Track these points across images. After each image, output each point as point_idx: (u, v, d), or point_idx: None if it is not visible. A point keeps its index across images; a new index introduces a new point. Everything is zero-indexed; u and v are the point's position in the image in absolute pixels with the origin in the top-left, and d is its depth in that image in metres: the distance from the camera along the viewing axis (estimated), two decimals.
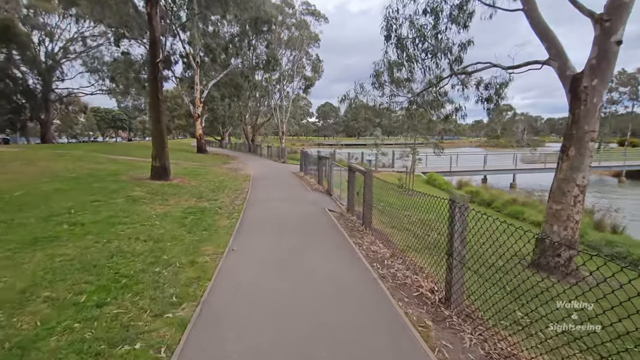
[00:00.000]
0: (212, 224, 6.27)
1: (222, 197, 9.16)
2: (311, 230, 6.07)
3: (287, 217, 7.11)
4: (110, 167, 12.37)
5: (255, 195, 9.74)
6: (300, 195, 9.92)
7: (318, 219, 6.99)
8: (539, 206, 11.32)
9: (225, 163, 20.93)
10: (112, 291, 3.41)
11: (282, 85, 35.29)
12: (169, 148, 11.18)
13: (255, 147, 33.27)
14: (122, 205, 7.13)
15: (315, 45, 36.77)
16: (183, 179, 11.58)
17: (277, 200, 9.03)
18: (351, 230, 6.34)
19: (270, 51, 27.80)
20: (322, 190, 11.06)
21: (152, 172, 10.70)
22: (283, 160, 23.19)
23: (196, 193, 9.36)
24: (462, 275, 3.20)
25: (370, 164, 24.19)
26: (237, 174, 14.81)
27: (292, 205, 8.32)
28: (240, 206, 8.11)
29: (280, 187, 11.60)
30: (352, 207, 7.78)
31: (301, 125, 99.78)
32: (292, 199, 9.33)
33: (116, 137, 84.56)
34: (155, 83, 10.30)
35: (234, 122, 33.54)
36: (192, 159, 20.36)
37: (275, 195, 9.84)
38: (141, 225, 5.80)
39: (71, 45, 35.63)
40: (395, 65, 8.90)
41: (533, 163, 24.46)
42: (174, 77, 27.17)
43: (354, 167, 7.60)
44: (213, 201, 8.52)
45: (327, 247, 5.16)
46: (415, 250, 5.11)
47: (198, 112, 26.19)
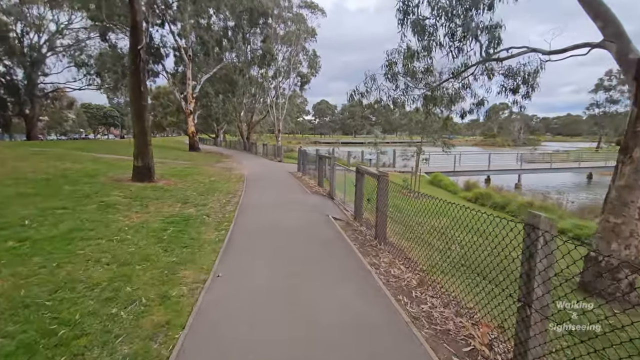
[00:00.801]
0: (196, 238, 5.23)
1: (212, 202, 8.10)
2: (315, 246, 5.05)
3: (285, 227, 6.09)
4: (90, 167, 11.24)
5: (249, 199, 8.70)
6: (300, 199, 8.89)
7: (322, 230, 5.97)
8: (558, 211, 10.42)
9: (219, 162, 19.83)
10: (36, 354, 2.37)
11: (278, 81, 34.18)
12: (158, 146, 10.11)
13: (250, 145, 32.16)
14: (92, 213, 6.05)
15: (312, 40, 35.70)
16: (169, 180, 10.49)
17: (273, 205, 8.00)
18: (362, 244, 5.34)
19: (266, 45, 26.67)
20: (323, 193, 10.05)
21: (134, 172, 9.60)
22: (279, 159, 22.14)
23: (182, 197, 8.29)
24: (544, 337, 2.21)
25: (370, 163, 23.24)
26: (230, 174, 13.73)
27: (290, 212, 7.29)
28: (232, 213, 7.06)
29: (277, 189, 10.57)
30: (359, 215, 6.78)
31: (297, 123, 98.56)
32: (291, 203, 8.30)
33: (108, 134, 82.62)
34: (138, 73, 9.19)
35: (229, 119, 32.34)
36: (183, 158, 19.22)
37: (272, 199, 8.80)
38: (108, 241, 4.74)
39: (57, 38, 34.19)
40: (411, 55, 7.80)
41: (538, 163, 23.67)
42: (165, 72, 25.94)
43: (362, 170, 6.60)
44: (201, 207, 7.47)
45: (337, 270, 4.15)
46: (444, 273, 4.12)
47: (190, 108, 25.02)
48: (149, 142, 9.72)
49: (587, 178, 27.33)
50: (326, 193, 9.84)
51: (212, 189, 9.76)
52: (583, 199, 15.07)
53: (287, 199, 8.81)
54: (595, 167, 23.74)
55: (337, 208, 8.11)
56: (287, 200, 8.73)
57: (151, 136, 10.20)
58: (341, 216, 7.27)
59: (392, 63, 8.38)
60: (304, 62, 36.36)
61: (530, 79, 6.67)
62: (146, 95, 9.66)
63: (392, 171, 19.24)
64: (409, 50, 7.75)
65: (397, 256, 4.79)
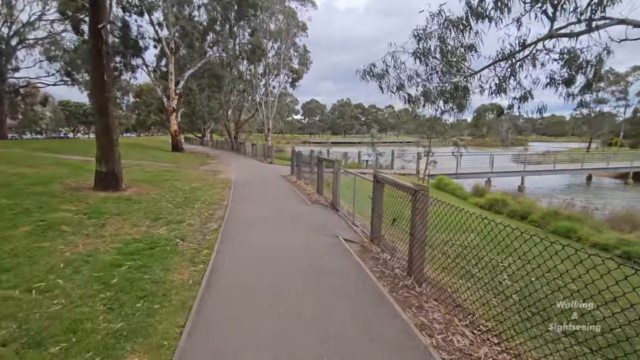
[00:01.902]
0: (161, 280, 3.70)
1: (190, 217, 6.55)
2: (330, 292, 3.59)
3: (285, 257, 4.60)
4: (47, 172, 9.49)
5: (237, 212, 7.16)
6: (298, 212, 7.40)
7: (335, 262, 4.51)
8: (588, 220, 9.25)
9: (203, 164, 18.14)
10: None
11: (268, 78, 32.52)
12: (138, 146, 8.48)
13: (238, 145, 30.41)
14: (21, 240, 4.44)
15: (303, 35, 34.20)
16: (141, 187, 8.85)
17: (267, 221, 6.49)
18: (393, 284, 3.91)
19: (255, 39, 25.01)
20: (324, 202, 8.59)
21: (97, 179, 7.95)
22: (270, 161, 20.57)
23: (153, 211, 6.70)
24: None
25: (366, 164, 21.91)
26: (215, 179, 12.13)
27: (290, 232, 5.80)
28: (215, 234, 5.53)
29: (269, 197, 9.05)
30: (378, 236, 5.35)
31: (286, 123, 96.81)
32: (289, 217, 6.80)
33: (89, 133, 78.97)
34: (99, 58, 7.53)
35: (215, 118, 30.51)
36: (163, 159, 17.47)
37: (265, 211, 7.28)
38: (23, 292, 3.18)
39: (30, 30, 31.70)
40: (458, 24, 6.19)
41: (540, 164, 22.79)
42: (145, 66, 23.99)
43: (383, 178, 5.17)
44: (175, 225, 5.91)
45: (371, 344, 2.70)
46: (519, 331, 2.71)
47: (173, 105, 23.18)
48: (116, 141, 8.07)
49: (586, 180, 26.71)
50: (328, 203, 8.39)
51: (193, 199, 8.17)
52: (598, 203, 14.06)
53: (284, 212, 7.30)
54: (597, 169, 23.04)
55: (345, 223, 6.67)
56: (283, 213, 7.22)
57: (118, 135, 8.56)
58: (352, 235, 5.83)
59: (427, 35, 6.66)
60: (295, 59, 34.83)
61: (591, 67, 5.37)
62: (111, 84, 8.00)
63: (392, 173, 17.92)
64: (445, 22, 6.21)
65: (448, 304, 3.38)
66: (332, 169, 9.68)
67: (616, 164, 23.24)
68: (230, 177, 12.93)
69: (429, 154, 12.75)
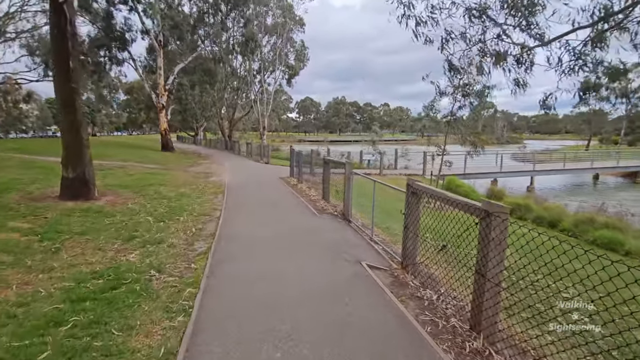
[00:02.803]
0: (113, 354, 2.47)
1: (173, 235, 5.31)
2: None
3: (297, 300, 3.39)
4: (7, 177, 8.15)
5: (232, 226, 5.94)
6: (305, 225, 6.20)
7: (366, 307, 3.30)
8: (629, 230, 8.19)
9: (195, 164, 16.82)
10: None
11: (263, 75, 31.16)
12: (125, 145, 7.26)
13: (232, 144, 29.07)
14: None
15: (300, 31, 32.89)
16: (119, 195, 7.58)
17: (269, 239, 5.27)
18: (454, 344, 2.74)
19: (248, 31, 23.65)
20: (332, 210, 7.41)
21: (63, 187, 6.67)
22: (266, 161, 19.31)
23: (128, 227, 5.45)
24: None
25: (368, 164, 20.76)
26: (206, 183, 10.86)
27: (299, 255, 4.60)
28: (201, 261, 4.31)
29: (269, 205, 7.83)
30: (413, 262, 4.17)
31: (281, 121, 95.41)
32: (295, 234, 5.59)
33: None
34: (64, 42, 6.24)
35: (208, 116, 29.09)
36: (151, 160, 16.11)
37: (265, 225, 6.07)
38: None
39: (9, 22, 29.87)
40: None
41: (549, 163, 21.84)
42: (132, 60, 22.51)
43: (420, 189, 3.98)
44: (152, 248, 4.68)
45: None
46: None
47: (162, 102, 21.78)
48: (86, 141, 6.77)
49: (593, 179, 25.90)
50: (338, 212, 7.20)
51: (179, 209, 6.92)
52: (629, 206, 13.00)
53: (288, 226, 6.09)
54: (607, 168, 22.16)
55: (362, 239, 5.50)
56: (287, 227, 6.01)
57: (88, 133, 7.27)
58: (377, 258, 4.65)
59: None
60: (291, 55, 33.49)
61: None
62: (78, 74, 6.69)
63: (398, 174, 16.80)
64: None
65: None
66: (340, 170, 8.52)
67: (626, 162, 22.41)
68: (223, 180, 11.67)
69: (444, 153, 11.62)
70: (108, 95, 76.42)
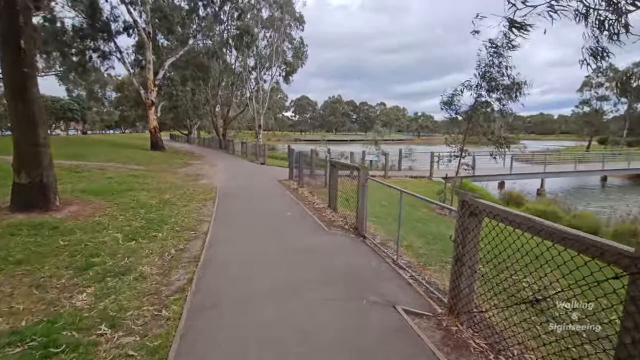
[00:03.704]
0: None
1: (146, 259, 4.14)
2: None
3: None
4: None
5: (220, 248, 4.77)
6: (313, 247, 5.02)
7: None
8: None
9: (185, 165, 15.57)
10: None
11: (260, 71, 29.89)
12: (113, 144, 6.26)
13: (227, 143, 27.79)
14: None
15: (299, 28, 31.67)
16: (88, 203, 6.36)
17: (268, 269, 4.11)
18: None
19: (243, 24, 22.39)
20: (341, 222, 6.27)
21: (14, 195, 5.45)
22: (262, 161, 18.11)
23: (86, 250, 4.26)
24: None
25: (371, 165, 19.64)
26: (195, 187, 9.66)
27: (309, 298, 3.42)
28: (177, 305, 3.14)
29: (268, 217, 6.65)
30: (468, 308, 3.03)
31: (277, 119, 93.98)
32: (301, 259, 4.43)
33: (67, 130, 74.39)
34: (13, 15, 5.01)
35: (200, 113, 27.77)
36: (138, 160, 14.83)
37: (264, 245, 4.90)
38: None
39: None
40: None
41: (559, 164, 20.93)
42: (118, 52, 21.11)
43: (483, 207, 2.84)
44: (113, 282, 3.50)
45: None
46: None
47: (151, 98, 20.47)
48: (43, 140, 5.54)
49: (601, 181, 25.10)
50: (349, 225, 6.06)
51: (158, 222, 5.73)
52: None
53: (292, 247, 4.92)
54: (618, 170, 21.32)
55: (384, 263, 4.37)
56: (291, 249, 4.84)
57: (47, 130, 6.04)
58: (412, 297, 3.52)
59: None
60: (289, 51, 32.25)
61: None
62: (33, 55, 5.45)
63: (404, 176, 15.72)
64: None
65: None
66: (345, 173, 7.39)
67: (638, 164, 21.57)
68: (214, 183, 10.47)
69: (462, 154, 10.52)
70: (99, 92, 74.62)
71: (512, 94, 9.15)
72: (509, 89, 9.14)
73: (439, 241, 6.49)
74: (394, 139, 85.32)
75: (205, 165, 16.10)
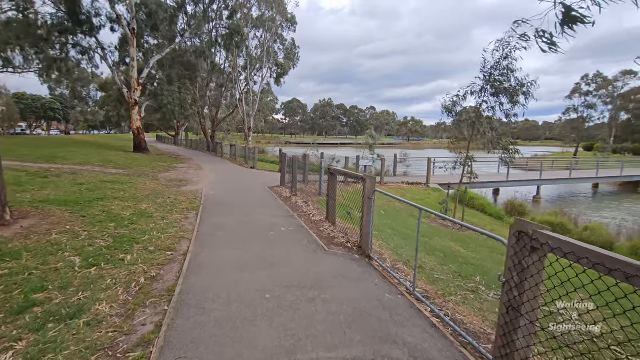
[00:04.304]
0: None
1: (103, 297, 3.29)
2: None
3: None
4: None
5: (201, 276, 3.95)
6: (313, 275, 4.25)
7: None
8: None
9: (169, 169, 14.59)
10: None
11: (250, 72, 29.04)
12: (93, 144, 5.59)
13: (215, 146, 26.77)
14: None
15: (291, 29, 31.01)
16: (48, 216, 5.44)
17: (260, 310, 3.31)
18: None
19: (233, 23, 21.55)
20: (342, 239, 5.52)
21: None
22: (252, 165, 17.25)
23: (29, 282, 3.40)
24: None
25: (365, 171, 18.98)
26: (178, 194, 8.77)
27: (313, 356, 2.67)
28: None
29: (258, 233, 5.83)
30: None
31: (267, 122, 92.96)
32: (299, 295, 3.65)
33: (48, 129, 71.67)
34: None
35: (187, 114, 26.69)
36: (117, 163, 13.79)
37: (252, 277, 4.11)
38: None
39: None
40: None
41: (555, 171, 20.69)
42: (100, 49, 19.95)
43: (549, 240, 2.13)
44: (55, 330, 2.66)
45: None
46: None
47: (135, 97, 19.39)
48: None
49: (593, 188, 25.08)
50: (352, 243, 5.32)
51: (128, 239, 4.86)
52: None
53: (288, 276, 4.14)
54: (611, 177, 21.22)
55: (398, 294, 3.64)
56: (287, 278, 4.06)
57: None
58: (442, 346, 2.79)
59: None
60: (280, 53, 31.52)
61: None
62: None
63: (399, 182, 15.11)
64: None
65: None
66: (340, 179, 6.66)
67: (630, 172, 21.52)
68: (200, 190, 9.60)
69: (467, 161, 9.90)
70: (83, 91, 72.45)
71: (519, 97, 8.59)
72: (516, 91, 8.58)
73: (449, 260, 5.80)
74: (384, 143, 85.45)
75: (190, 169, 15.15)
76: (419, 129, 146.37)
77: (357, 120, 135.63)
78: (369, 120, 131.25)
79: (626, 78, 41.74)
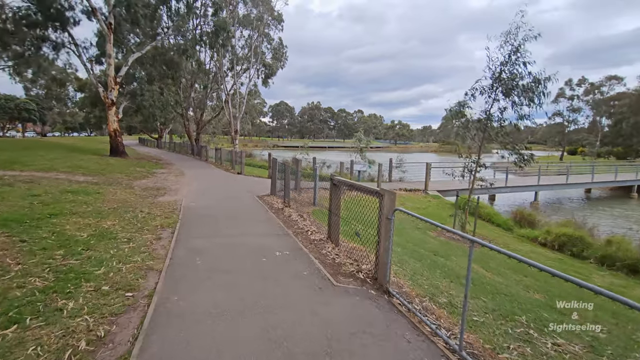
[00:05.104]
0: None
1: None
2: None
3: None
4: None
5: (168, 336, 2.86)
6: (323, 333, 3.22)
7: None
8: None
9: (147, 175, 13.28)
10: None
11: (236, 72, 27.83)
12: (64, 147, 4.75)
13: (200, 149, 25.40)
14: None
15: (278, 28, 29.99)
16: None
17: None
18: None
19: (218, 20, 20.39)
20: (350, 267, 4.52)
21: None
22: (239, 171, 16.07)
23: None
24: None
25: (359, 176, 18.06)
26: (153, 206, 7.58)
27: None
28: None
29: (246, 260, 4.74)
30: None
31: (254, 125, 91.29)
32: (305, 356, 2.62)
33: (24, 131, 68.05)
34: None
35: (169, 116, 25.26)
36: (88, 168, 12.40)
37: (239, 335, 3.05)
38: None
39: None
40: None
41: (552, 176, 20.30)
42: (74, 45, 18.43)
43: None
44: None
45: None
46: None
47: (112, 97, 17.95)
48: None
49: (585, 192, 24.91)
50: (365, 273, 4.31)
51: (75, 275, 3.71)
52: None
53: (293, 343, 3.10)
54: (606, 182, 21.00)
55: (441, 357, 2.65)
56: (292, 350, 3.02)
57: None
58: None
59: None
60: (268, 53, 30.45)
61: None
62: None
63: (397, 189, 14.21)
64: None
65: None
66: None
67: (623, 176, 21.37)
68: (179, 201, 8.42)
69: (477, 167, 9.09)
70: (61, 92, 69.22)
71: (535, 95, 7.79)
72: (532, 89, 7.79)
73: (478, 289, 4.88)
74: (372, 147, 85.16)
75: (171, 175, 13.87)
76: (406, 133, 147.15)
77: (345, 123, 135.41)
78: (356, 124, 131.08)
79: (611, 83, 42.49)
